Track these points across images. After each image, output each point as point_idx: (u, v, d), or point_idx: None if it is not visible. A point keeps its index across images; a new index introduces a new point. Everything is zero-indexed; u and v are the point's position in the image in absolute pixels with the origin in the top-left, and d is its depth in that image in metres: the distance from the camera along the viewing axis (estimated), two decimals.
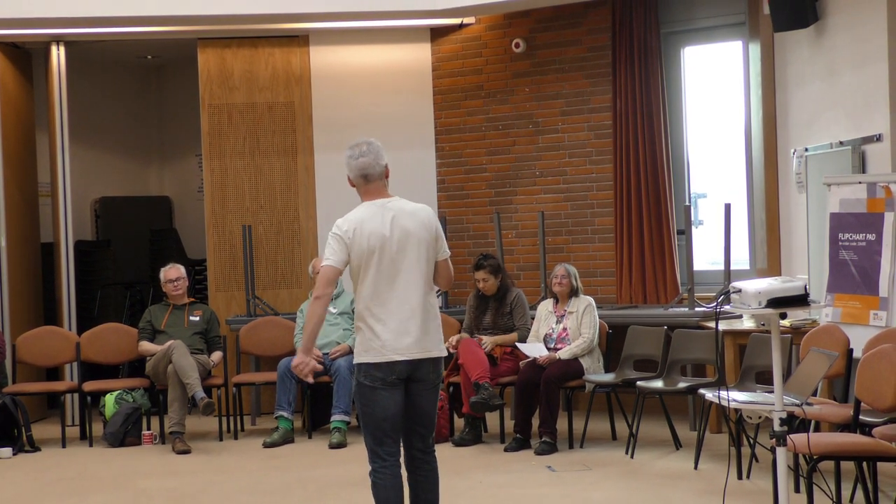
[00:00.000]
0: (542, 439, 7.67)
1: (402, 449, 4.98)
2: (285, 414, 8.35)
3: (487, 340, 8.07)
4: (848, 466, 6.02)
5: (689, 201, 9.15)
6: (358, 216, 4.90)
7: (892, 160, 6.99)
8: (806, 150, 7.89)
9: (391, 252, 4.84)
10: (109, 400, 8.65)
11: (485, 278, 8.26)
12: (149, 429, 8.61)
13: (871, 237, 6.79)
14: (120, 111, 11.91)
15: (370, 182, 4.95)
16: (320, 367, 4.69)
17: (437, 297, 5.12)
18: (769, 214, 8.48)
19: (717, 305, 5.79)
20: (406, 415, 4.91)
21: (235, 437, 8.63)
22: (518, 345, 8.04)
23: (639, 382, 7.55)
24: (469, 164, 9.90)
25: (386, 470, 4.85)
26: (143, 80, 12.14)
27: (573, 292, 8.06)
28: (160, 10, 9.01)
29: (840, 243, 7.01)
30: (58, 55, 9.64)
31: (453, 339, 8.16)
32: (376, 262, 4.83)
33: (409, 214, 4.92)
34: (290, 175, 9.82)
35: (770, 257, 8.46)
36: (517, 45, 9.62)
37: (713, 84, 9.39)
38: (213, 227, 9.79)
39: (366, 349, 4.85)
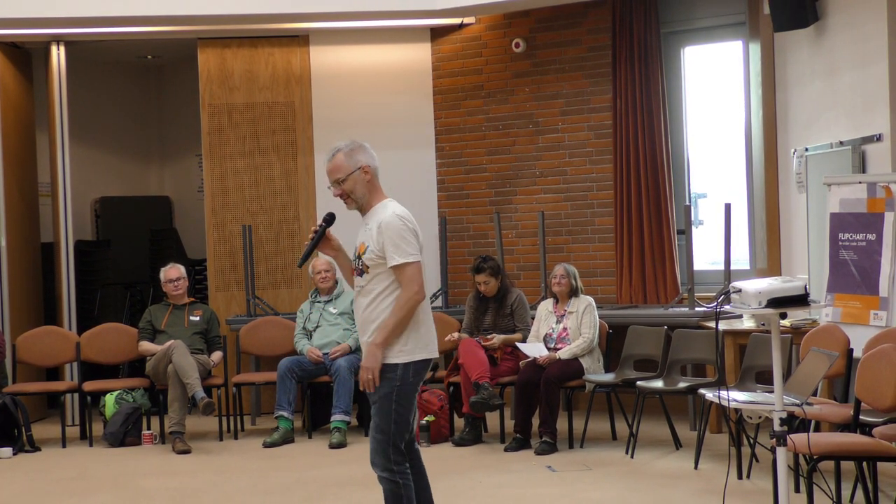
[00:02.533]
0: (542, 439, 7.66)
1: None
2: (285, 414, 8.35)
3: (498, 338, 8.07)
4: (848, 466, 6.02)
5: (689, 201, 9.15)
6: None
7: (892, 160, 6.98)
8: (806, 150, 7.88)
9: None
10: (109, 400, 8.65)
11: (486, 281, 8.25)
12: (149, 429, 8.61)
13: (871, 237, 6.78)
14: (120, 111, 11.91)
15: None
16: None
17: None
18: (769, 214, 8.48)
19: (717, 305, 5.79)
20: None
21: (235, 437, 8.63)
22: (518, 345, 8.04)
23: (639, 382, 7.55)
24: (469, 164, 9.89)
25: (406, 468, 4.86)
26: (143, 80, 12.13)
27: (573, 292, 8.05)
28: (160, 10, 9.00)
29: (840, 243, 7.01)
30: (58, 55, 9.64)
31: (455, 335, 8.18)
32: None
33: None
34: (290, 175, 9.82)
35: (770, 257, 8.46)
36: (517, 45, 9.62)
37: (713, 84, 9.39)
38: (213, 227, 9.79)
39: (419, 346, 4.82)
